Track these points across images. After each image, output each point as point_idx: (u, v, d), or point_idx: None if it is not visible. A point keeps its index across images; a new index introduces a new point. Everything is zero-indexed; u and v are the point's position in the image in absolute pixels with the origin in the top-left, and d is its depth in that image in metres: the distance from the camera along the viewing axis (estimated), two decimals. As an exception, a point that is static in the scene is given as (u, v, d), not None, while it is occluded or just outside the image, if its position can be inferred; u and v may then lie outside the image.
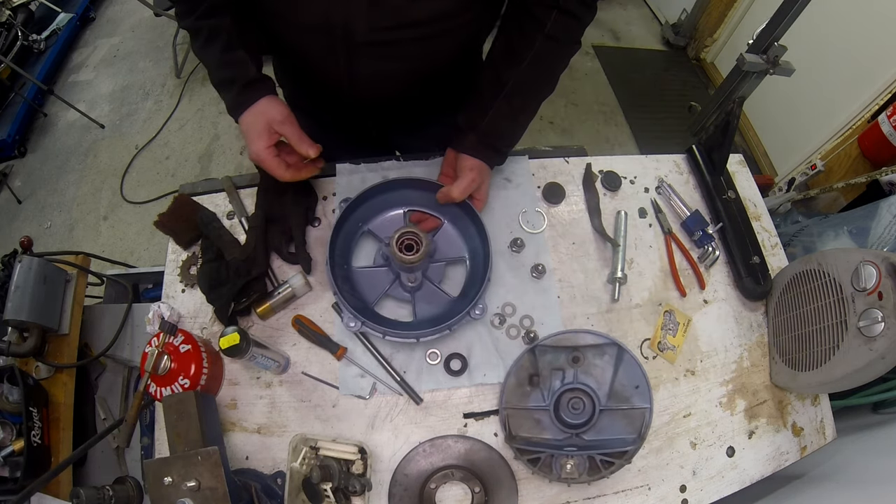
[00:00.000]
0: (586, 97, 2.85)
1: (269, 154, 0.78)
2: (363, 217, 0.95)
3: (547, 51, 0.79)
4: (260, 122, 0.77)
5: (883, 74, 1.82)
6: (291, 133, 0.78)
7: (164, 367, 0.77)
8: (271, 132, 0.78)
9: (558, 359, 0.83)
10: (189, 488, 0.60)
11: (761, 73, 1.40)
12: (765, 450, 0.87)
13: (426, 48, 0.78)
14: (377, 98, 0.92)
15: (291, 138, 0.78)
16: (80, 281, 1.12)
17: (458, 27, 0.77)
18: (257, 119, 0.77)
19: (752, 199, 1.07)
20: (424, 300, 0.90)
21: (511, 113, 0.84)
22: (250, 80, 0.77)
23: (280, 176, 0.80)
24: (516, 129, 0.88)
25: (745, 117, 2.58)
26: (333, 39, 0.75)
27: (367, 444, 0.77)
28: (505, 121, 0.85)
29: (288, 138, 0.78)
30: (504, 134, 0.87)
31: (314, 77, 0.91)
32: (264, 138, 0.77)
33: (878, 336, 0.70)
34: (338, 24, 0.72)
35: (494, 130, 0.85)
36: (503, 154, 0.89)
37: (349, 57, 0.78)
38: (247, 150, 0.81)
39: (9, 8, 2.81)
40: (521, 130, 0.88)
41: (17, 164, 2.72)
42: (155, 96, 2.90)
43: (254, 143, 0.78)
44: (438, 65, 0.86)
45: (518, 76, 0.80)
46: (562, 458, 0.77)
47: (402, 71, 0.84)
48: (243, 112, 0.78)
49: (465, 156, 0.86)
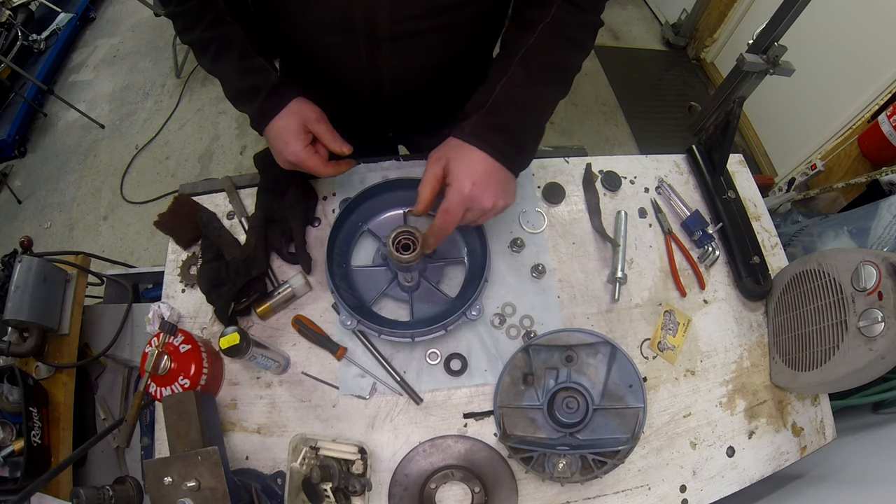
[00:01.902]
0: (586, 97, 2.85)
1: (309, 153, 0.75)
2: (363, 216, 0.95)
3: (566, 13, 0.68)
4: (294, 123, 0.74)
5: (883, 74, 1.82)
6: (326, 131, 0.76)
7: (164, 367, 0.77)
8: (306, 132, 0.75)
9: (552, 358, 0.83)
10: (189, 488, 0.60)
11: (761, 73, 1.40)
12: (765, 450, 0.87)
13: (447, 38, 0.76)
14: (398, 96, 0.89)
15: (326, 136, 0.76)
16: (80, 281, 1.12)
17: (477, 14, 0.75)
18: (291, 121, 0.74)
19: (752, 199, 1.07)
20: (422, 300, 0.89)
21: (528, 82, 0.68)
22: (275, 84, 0.74)
23: (323, 172, 0.77)
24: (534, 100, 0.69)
25: (745, 117, 2.58)
26: (354, 36, 0.72)
27: (367, 444, 0.77)
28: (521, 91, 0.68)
29: (322, 137, 0.76)
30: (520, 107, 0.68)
31: (331, 78, 0.87)
32: (301, 139, 0.74)
33: (878, 336, 0.70)
34: (358, 20, 0.70)
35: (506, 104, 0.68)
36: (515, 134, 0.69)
37: (371, 54, 0.75)
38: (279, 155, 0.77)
39: (9, 8, 2.81)
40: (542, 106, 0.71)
41: (17, 164, 2.72)
42: (155, 96, 2.90)
43: (290, 145, 0.74)
44: (459, 58, 0.83)
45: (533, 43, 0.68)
46: (554, 458, 0.77)
47: (424, 66, 0.81)
48: (273, 118, 0.74)
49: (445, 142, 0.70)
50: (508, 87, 0.68)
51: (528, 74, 0.68)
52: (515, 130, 0.69)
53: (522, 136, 0.71)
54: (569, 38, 0.70)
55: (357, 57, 0.76)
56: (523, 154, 0.71)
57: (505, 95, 0.68)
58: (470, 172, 0.66)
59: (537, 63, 0.69)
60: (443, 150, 0.70)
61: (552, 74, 0.71)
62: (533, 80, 0.69)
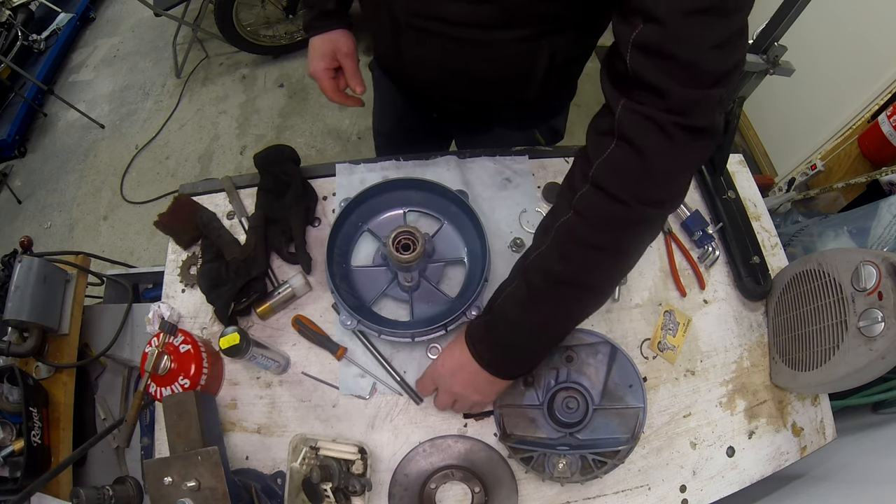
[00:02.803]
0: (586, 97, 2.84)
1: (328, 75, 0.89)
2: (363, 216, 0.95)
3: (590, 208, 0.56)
4: (327, 46, 0.88)
5: (883, 74, 1.82)
6: (350, 66, 0.89)
7: (164, 367, 0.77)
8: (333, 58, 0.89)
9: (552, 357, 0.83)
10: (189, 488, 0.60)
11: (761, 73, 1.39)
12: (765, 450, 0.87)
13: (465, 51, 0.76)
14: (426, 83, 0.91)
15: (348, 71, 0.89)
16: (80, 281, 1.12)
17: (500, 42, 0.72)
18: (325, 43, 0.88)
19: (752, 199, 1.07)
20: (423, 300, 0.89)
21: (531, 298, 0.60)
22: (327, 10, 0.88)
23: (330, 95, 0.90)
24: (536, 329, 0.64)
25: (745, 117, 2.58)
26: (382, 13, 0.78)
27: (367, 444, 0.77)
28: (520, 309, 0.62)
29: (345, 69, 0.89)
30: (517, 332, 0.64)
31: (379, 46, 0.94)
32: (327, 60, 0.89)
33: (878, 336, 0.70)
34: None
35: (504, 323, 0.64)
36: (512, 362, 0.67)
37: (394, 34, 0.80)
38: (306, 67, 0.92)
39: (9, 8, 2.80)
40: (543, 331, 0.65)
41: (17, 164, 2.72)
42: (155, 96, 2.90)
43: (316, 61, 0.89)
44: (486, 72, 0.80)
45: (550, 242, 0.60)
46: (554, 458, 0.77)
47: (444, 64, 0.81)
48: (315, 34, 0.89)
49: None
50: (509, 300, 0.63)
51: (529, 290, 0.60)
52: (508, 347, 0.66)
53: (516, 352, 0.67)
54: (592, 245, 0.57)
55: (386, 32, 0.82)
56: (518, 366, 0.70)
57: (502, 310, 0.64)
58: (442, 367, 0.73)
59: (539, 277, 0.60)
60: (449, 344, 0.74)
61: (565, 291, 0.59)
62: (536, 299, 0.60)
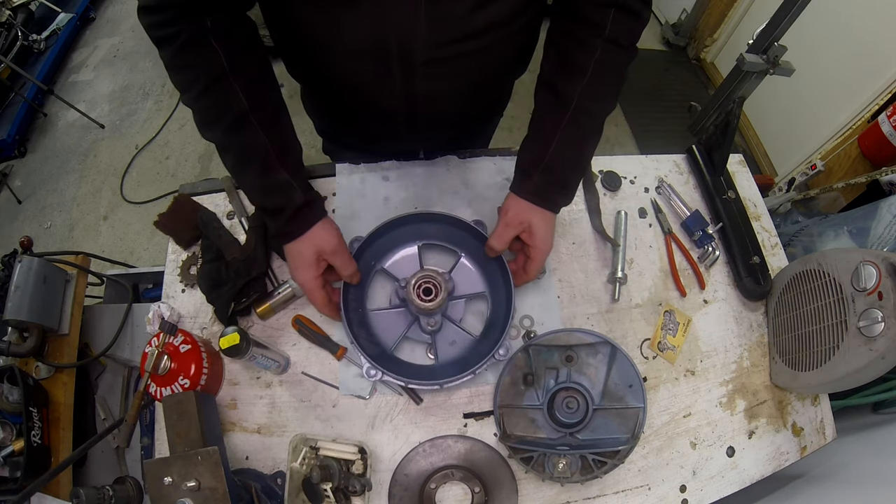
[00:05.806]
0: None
1: (317, 284, 0.77)
2: (376, 255, 0.90)
3: (610, 57, 0.71)
4: (309, 251, 0.74)
5: (883, 74, 1.82)
6: (340, 262, 0.77)
7: (164, 367, 0.77)
8: (320, 261, 0.76)
9: (552, 357, 0.83)
10: (189, 488, 0.60)
11: (761, 73, 1.39)
12: (765, 450, 0.87)
13: (484, 59, 0.74)
14: (432, 118, 0.86)
15: (339, 266, 0.77)
16: (80, 281, 1.12)
17: (516, 33, 0.74)
18: (305, 248, 0.74)
19: (752, 199, 1.07)
20: (446, 340, 0.86)
21: (579, 137, 0.75)
22: (298, 206, 0.72)
23: (319, 309, 0.80)
24: (585, 155, 0.78)
25: (745, 117, 2.58)
26: (388, 63, 0.70)
27: (367, 444, 0.77)
28: (573, 148, 0.75)
29: (338, 269, 0.78)
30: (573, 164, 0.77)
31: (363, 103, 0.84)
32: (313, 268, 0.75)
33: (878, 336, 0.70)
34: (393, 46, 0.67)
35: (561, 163, 0.75)
36: (571, 189, 0.79)
37: (406, 79, 0.73)
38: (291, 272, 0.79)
39: (9, 8, 2.80)
40: (589, 156, 0.79)
41: (17, 164, 2.72)
42: (155, 96, 2.90)
43: (300, 270, 0.76)
44: (492, 75, 0.82)
45: (583, 91, 0.71)
46: (554, 458, 0.77)
47: (459, 87, 0.80)
48: (292, 241, 0.74)
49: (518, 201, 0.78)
50: (563, 146, 0.74)
51: (578, 131, 0.74)
52: (570, 184, 0.79)
53: (574, 185, 0.80)
54: (612, 82, 0.74)
55: (391, 82, 0.74)
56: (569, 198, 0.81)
57: (560, 155, 0.75)
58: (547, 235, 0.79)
59: (587, 119, 0.74)
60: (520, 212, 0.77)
61: (599, 123, 0.76)
62: (585, 136, 0.76)
